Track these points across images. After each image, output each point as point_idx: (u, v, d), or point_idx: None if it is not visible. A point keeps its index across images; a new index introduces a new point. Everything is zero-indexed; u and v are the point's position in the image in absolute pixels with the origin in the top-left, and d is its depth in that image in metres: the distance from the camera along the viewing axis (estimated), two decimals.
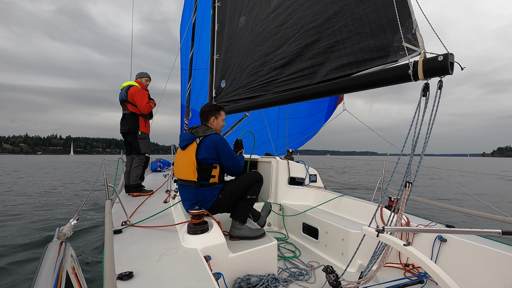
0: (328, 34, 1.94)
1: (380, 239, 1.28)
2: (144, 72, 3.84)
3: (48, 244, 0.74)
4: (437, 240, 2.00)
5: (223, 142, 2.12)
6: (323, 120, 6.60)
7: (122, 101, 3.60)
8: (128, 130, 3.56)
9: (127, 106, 3.56)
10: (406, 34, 1.47)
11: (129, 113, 3.57)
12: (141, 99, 3.53)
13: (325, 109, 6.46)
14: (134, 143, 3.60)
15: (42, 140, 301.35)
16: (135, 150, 3.62)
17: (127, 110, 3.58)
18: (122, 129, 3.61)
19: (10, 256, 3.62)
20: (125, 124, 3.58)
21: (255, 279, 1.84)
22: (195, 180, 2.07)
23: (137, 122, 3.60)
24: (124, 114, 3.62)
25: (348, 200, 2.85)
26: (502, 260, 1.63)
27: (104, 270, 1.06)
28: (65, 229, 1.40)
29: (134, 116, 3.60)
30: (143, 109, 3.57)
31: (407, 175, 1.55)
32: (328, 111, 6.44)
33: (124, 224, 2.07)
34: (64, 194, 9.16)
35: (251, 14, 2.85)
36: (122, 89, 3.66)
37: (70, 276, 0.69)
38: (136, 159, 3.62)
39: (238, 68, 3.01)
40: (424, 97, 1.39)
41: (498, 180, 16.30)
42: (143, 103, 3.55)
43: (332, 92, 1.95)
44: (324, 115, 6.54)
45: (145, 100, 3.60)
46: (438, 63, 1.29)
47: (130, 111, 3.57)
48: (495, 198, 9.16)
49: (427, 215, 6.16)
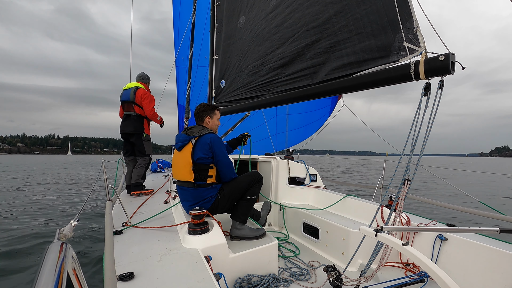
0: (329, 34, 1.94)
1: (379, 238, 1.27)
2: (147, 75, 3.87)
3: (49, 245, 0.74)
4: (438, 239, 2.00)
5: (218, 140, 2.12)
6: (327, 116, 6.63)
7: (128, 102, 3.56)
8: (134, 132, 3.56)
9: (134, 107, 3.55)
10: (407, 34, 1.47)
11: (135, 114, 3.56)
12: (148, 103, 3.57)
13: (328, 105, 6.48)
14: (139, 145, 3.62)
15: (40, 140, 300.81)
16: (139, 151, 3.64)
17: (133, 112, 3.56)
18: (126, 130, 3.57)
19: (10, 257, 3.61)
20: (130, 125, 3.56)
21: (256, 279, 1.83)
22: (191, 180, 2.07)
23: (142, 124, 3.62)
24: (128, 115, 3.59)
25: (350, 200, 2.85)
26: (502, 259, 1.63)
27: (105, 271, 1.06)
28: (65, 230, 1.40)
29: (140, 118, 3.60)
30: (149, 112, 3.60)
31: (406, 173, 1.56)
32: (332, 107, 6.46)
33: (124, 225, 2.07)
34: (65, 195, 9.15)
35: (250, 14, 2.84)
36: (127, 90, 3.63)
37: (71, 277, 0.69)
38: (140, 160, 3.65)
39: (238, 68, 3.00)
40: (425, 96, 1.40)
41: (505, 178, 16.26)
42: (150, 107, 3.59)
43: (333, 92, 1.94)
44: (328, 111, 6.59)
45: (153, 104, 3.65)
46: (439, 63, 1.29)
47: (136, 113, 3.56)
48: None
49: (430, 213, 6.17)
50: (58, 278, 0.60)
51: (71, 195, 9.09)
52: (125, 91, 3.63)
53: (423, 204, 7.00)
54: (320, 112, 6.69)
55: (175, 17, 6.65)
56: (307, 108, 6.68)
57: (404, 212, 2.34)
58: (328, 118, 6.59)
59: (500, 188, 12.47)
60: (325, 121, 6.65)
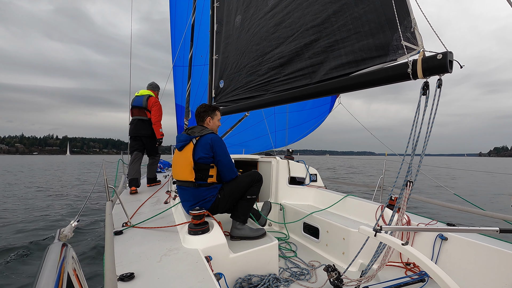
0: (328, 33, 1.94)
1: (378, 238, 1.27)
2: (156, 84, 4.40)
3: (49, 246, 0.74)
4: (438, 238, 2.00)
5: (219, 140, 2.13)
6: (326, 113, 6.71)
7: (140, 107, 4.05)
8: (151, 135, 4.11)
9: (147, 113, 4.08)
10: (405, 33, 1.47)
11: (148, 119, 4.08)
12: (157, 110, 4.07)
13: (328, 103, 6.50)
14: (152, 145, 4.17)
15: (38, 140, 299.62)
16: (151, 151, 4.19)
17: (145, 117, 4.07)
18: (143, 133, 4.05)
19: (11, 258, 3.61)
20: (147, 128, 4.07)
21: (256, 279, 1.84)
22: (192, 180, 2.07)
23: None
24: (143, 120, 4.08)
25: (351, 200, 2.85)
26: (503, 258, 1.63)
27: (105, 271, 1.06)
28: (66, 230, 1.40)
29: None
30: (155, 118, 4.06)
31: (408, 175, 1.56)
32: (331, 105, 6.49)
33: (124, 225, 2.07)
34: (65, 195, 9.14)
35: (247, 13, 2.84)
36: (139, 96, 4.10)
37: (71, 278, 0.69)
38: (154, 158, 4.26)
39: (236, 68, 3.00)
40: (424, 95, 1.40)
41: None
42: (157, 114, 4.07)
43: (331, 92, 1.95)
44: (328, 109, 6.64)
45: (160, 112, 4.13)
46: (437, 62, 1.29)
47: (149, 118, 4.09)
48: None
49: (429, 213, 6.16)
50: (58, 278, 0.60)
51: (71, 195, 9.09)
52: (138, 97, 4.11)
53: (421, 204, 7.00)
54: (319, 110, 6.74)
55: (172, 17, 6.73)
56: (305, 106, 6.70)
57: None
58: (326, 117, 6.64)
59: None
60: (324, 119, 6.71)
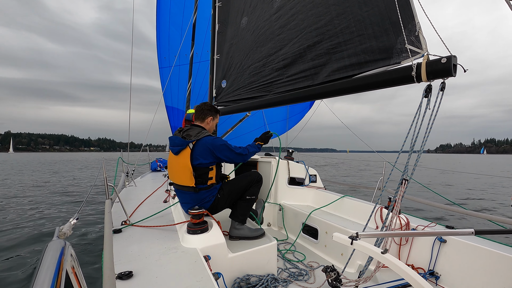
0: (331, 35, 1.94)
1: (355, 246, 1.18)
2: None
3: (48, 243, 0.74)
4: (437, 240, 2.00)
5: (218, 142, 2.03)
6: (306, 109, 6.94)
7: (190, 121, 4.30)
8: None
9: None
10: (409, 36, 1.47)
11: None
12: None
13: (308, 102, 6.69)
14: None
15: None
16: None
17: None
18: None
19: (9, 256, 3.61)
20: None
21: (255, 279, 1.83)
22: (193, 185, 2.01)
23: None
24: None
25: (349, 201, 2.84)
26: (501, 261, 1.64)
27: (104, 269, 1.05)
28: (64, 228, 1.40)
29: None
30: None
31: (404, 173, 1.57)
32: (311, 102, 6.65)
33: (123, 223, 2.07)
34: (64, 193, 9.14)
35: (253, 14, 2.84)
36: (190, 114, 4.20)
37: (70, 275, 0.69)
38: None
39: (240, 68, 3.00)
40: (426, 98, 1.41)
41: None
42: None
43: (333, 93, 1.94)
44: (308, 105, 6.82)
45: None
46: (441, 65, 1.29)
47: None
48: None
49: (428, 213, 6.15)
50: (56, 276, 0.60)
51: (70, 193, 9.09)
52: (188, 114, 4.16)
53: (420, 205, 6.99)
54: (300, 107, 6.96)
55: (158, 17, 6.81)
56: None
57: (403, 213, 2.34)
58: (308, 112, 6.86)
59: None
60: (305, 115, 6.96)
